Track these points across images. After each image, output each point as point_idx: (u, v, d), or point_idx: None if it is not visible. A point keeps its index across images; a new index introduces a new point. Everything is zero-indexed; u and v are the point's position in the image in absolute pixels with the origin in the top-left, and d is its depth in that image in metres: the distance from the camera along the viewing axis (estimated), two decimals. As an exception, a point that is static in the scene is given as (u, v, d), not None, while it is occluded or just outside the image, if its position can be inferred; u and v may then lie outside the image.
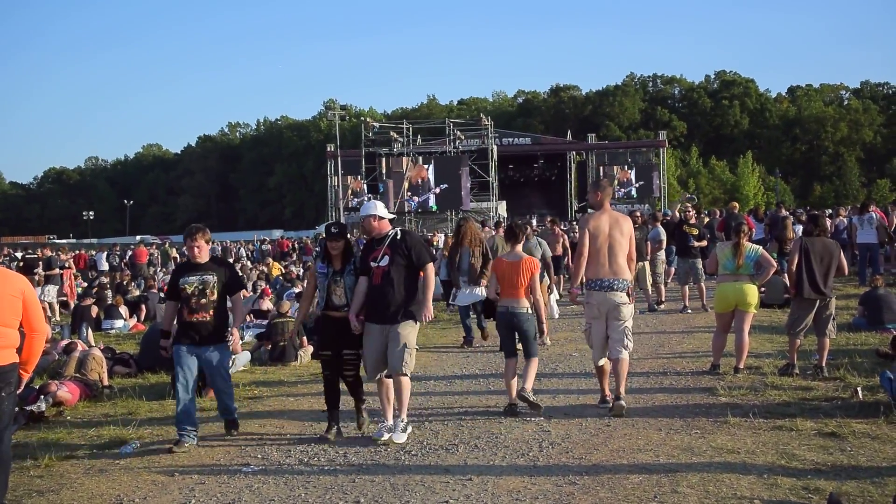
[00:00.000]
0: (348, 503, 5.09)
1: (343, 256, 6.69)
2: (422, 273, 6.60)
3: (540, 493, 5.13)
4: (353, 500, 5.13)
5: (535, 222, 30.96)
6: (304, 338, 11.07)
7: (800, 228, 16.17)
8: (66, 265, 22.33)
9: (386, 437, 6.40)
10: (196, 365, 6.62)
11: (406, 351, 6.34)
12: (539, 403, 7.20)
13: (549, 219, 22.80)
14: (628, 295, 7.21)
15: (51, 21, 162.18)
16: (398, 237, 6.53)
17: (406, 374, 6.42)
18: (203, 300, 6.60)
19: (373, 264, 6.44)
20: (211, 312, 6.63)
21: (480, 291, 10.68)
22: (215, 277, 6.70)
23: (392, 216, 6.73)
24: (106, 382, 9.40)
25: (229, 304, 6.94)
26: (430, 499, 5.11)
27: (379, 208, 6.67)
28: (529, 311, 7.30)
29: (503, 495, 5.13)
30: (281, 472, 5.81)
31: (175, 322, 6.91)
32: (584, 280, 7.24)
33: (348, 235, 6.89)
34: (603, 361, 7.33)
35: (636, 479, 5.35)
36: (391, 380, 6.52)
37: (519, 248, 7.55)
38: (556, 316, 12.74)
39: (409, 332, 6.43)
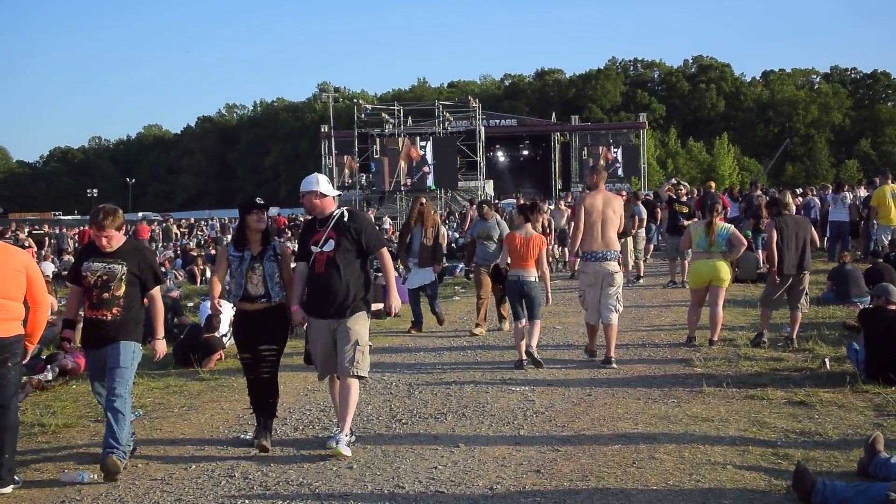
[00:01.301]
0: (341, 468, 5.09)
1: (262, 238, 5.62)
2: (378, 260, 5.71)
3: (524, 460, 5.14)
4: (346, 466, 5.12)
5: (506, 201, 30.47)
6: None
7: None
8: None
9: (333, 446, 5.30)
10: None
11: (357, 349, 5.31)
12: (541, 361, 7.84)
13: (531, 199, 22.60)
14: (619, 264, 7.99)
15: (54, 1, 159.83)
16: (344, 218, 5.40)
17: (357, 377, 5.36)
18: (106, 294, 5.12)
19: (315, 249, 5.36)
20: (114, 311, 5.14)
21: (430, 274, 10.21)
22: (125, 268, 5.16)
23: (337, 193, 5.65)
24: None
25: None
26: (420, 465, 5.11)
27: (321, 183, 5.51)
28: (537, 280, 7.93)
29: (489, 462, 5.14)
30: (275, 439, 5.79)
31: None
32: (580, 252, 7.96)
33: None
34: (591, 321, 8.06)
35: (616, 446, 5.37)
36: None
37: (529, 226, 8.17)
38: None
39: (361, 327, 5.39)
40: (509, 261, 8.31)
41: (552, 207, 19.56)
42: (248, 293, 5.53)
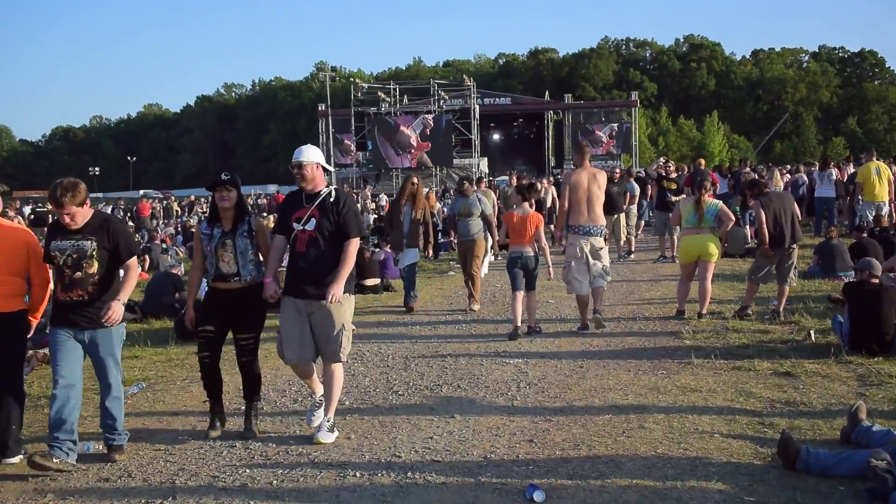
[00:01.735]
0: (340, 438, 5.11)
1: (235, 214, 5.19)
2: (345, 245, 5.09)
3: (517, 430, 5.17)
4: (345, 437, 5.14)
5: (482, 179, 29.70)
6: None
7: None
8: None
9: (315, 423, 5.22)
10: (80, 355, 4.83)
11: (343, 334, 4.99)
12: (539, 328, 8.30)
13: (509, 172, 22.36)
14: (605, 239, 8.30)
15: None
16: (331, 198, 5.05)
17: (341, 361, 5.13)
18: (78, 274, 4.69)
19: (297, 226, 5.00)
20: (90, 289, 4.71)
21: (415, 255, 10.03)
22: (94, 244, 4.73)
23: (331, 168, 5.61)
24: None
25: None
26: (416, 435, 5.13)
27: (317, 154, 5.19)
28: (535, 255, 8.20)
29: (483, 432, 5.16)
30: (276, 410, 5.83)
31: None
32: (568, 225, 8.22)
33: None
34: (582, 291, 8.15)
35: (607, 416, 5.40)
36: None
37: (526, 205, 8.34)
38: (483, 273, 11.07)
39: (345, 310, 5.04)
40: (508, 237, 8.57)
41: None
42: (221, 271, 5.16)
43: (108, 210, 31.01)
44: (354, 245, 5.07)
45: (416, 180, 10.29)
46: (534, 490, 4.06)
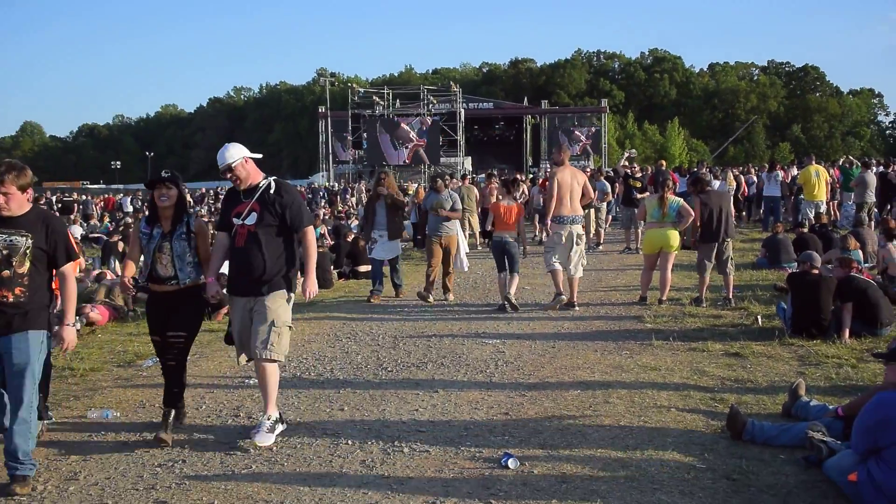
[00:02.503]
0: (333, 410, 5.08)
1: (174, 214, 4.55)
2: (301, 238, 4.56)
3: (495, 403, 5.15)
4: (338, 409, 5.11)
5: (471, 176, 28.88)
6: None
7: (716, 184, 16.34)
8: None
9: (259, 437, 4.34)
10: None
11: (273, 330, 4.35)
12: (518, 305, 8.47)
13: (487, 172, 21.64)
14: (583, 228, 8.63)
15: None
16: (271, 190, 4.45)
17: (272, 360, 4.39)
18: (6, 272, 3.81)
19: (236, 221, 4.42)
20: (17, 291, 3.84)
21: (397, 247, 9.57)
22: (29, 241, 3.86)
23: (258, 156, 4.61)
24: (130, 307, 9.28)
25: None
26: (403, 408, 5.10)
27: (240, 150, 4.49)
28: (516, 240, 8.59)
29: (464, 405, 5.14)
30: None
31: None
32: (553, 216, 8.40)
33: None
34: (558, 268, 8.40)
35: (575, 392, 5.39)
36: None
37: (510, 197, 8.79)
38: (465, 268, 10.18)
39: (279, 306, 4.42)
40: (494, 224, 8.80)
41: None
42: (157, 273, 4.54)
43: (128, 200, 30.74)
44: (311, 234, 4.57)
45: (384, 175, 9.69)
46: (508, 457, 4.06)
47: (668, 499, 3.59)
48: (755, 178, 18.67)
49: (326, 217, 19.08)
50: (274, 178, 4.55)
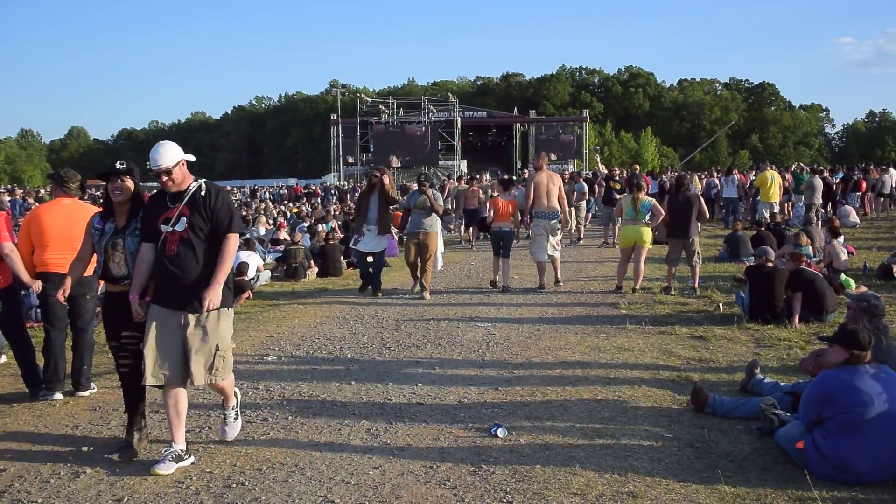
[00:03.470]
0: (342, 384, 5.07)
1: (130, 210, 3.81)
2: (222, 243, 3.62)
3: (487, 379, 5.16)
4: (347, 383, 5.11)
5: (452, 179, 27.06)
6: (311, 261, 11.00)
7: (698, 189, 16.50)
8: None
9: (161, 465, 3.55)
10: None
11: (217, 356, 3.60)
12: (509, 286, 8.95)
13: (468, 176, 20.84)
14: (560, 222, 8.93)
15: (126, 9, 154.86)
16: (201, 192, 3.62)
17: (215, 384, 3.70)
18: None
19: (165, 228, 3.58)
20: None
21: (384, 242, 8.75)
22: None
23: (191, 158, 3.75)
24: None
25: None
26: (404, 383, 5.10)
27: (176, 152, 3.63)
28: (511, 229, 9.13)
29: (459, 380, 5.14)
30: (292, 360, 5.78)
31: None
32: (533, 212, 8.84)
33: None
34: (543, 259, 8.84)
35: (557, 369, 5.39)
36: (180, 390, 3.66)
37: (506, 193, 9.36)
38: (439, 267, 9.34)
39: (221, 326, 3.62)
40: (493, 216, 9.28)
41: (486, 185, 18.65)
42: (110, 273, 3.78)
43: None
44: (233, 242, 3.64)
45: (378, 172, 8.92)
46: (498, 427, 4.06)
47: (638, 464, 3.60)
48: (717, 182, 18.67)
49: (337, 213, 19.03)
50: (204, 180, 3.72)
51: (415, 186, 9.36)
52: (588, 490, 3.31)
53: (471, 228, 14.88)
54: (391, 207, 8.97)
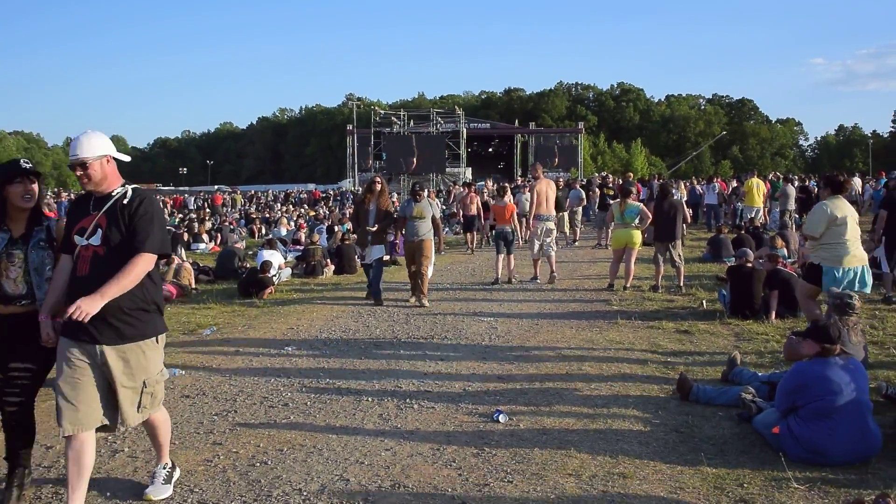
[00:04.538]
0: (357, 372, 5.08)
1: (31, 217, 2.94)
2: (132, 260, 2.67)
3: (489, 370, 5.15)
4: (361, 371, 5.12)
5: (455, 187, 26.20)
6: (329, 259, 11.03)
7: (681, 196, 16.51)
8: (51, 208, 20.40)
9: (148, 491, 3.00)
10: None
11: (144, 392, 2.78)
12: (514, 279, 9.44)
13: (463, 182, 20.55)
14: (555, 224, 9.51)
15: (158, 25, 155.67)
16: (124, 200, 2.73)
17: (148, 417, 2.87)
18: None
19: (79, 241, 2.71)
20: None
21: (381, 251, 8.06)
22: None
23: (123, 157, 2.83)
24: (193, 286, 9.29)
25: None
26: (414, 372, 5.09)
27: (102, 143, 2.74)
28: (511, 230, 9.51)
29: (464, 370, 5.14)
30: (311, 348, 5.79)
31: None
32: (534, 215, 9.23)
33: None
34: (537, 257, 9.36)
35: (554, 361, 5.38)
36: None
37: (506, 198, 9.92)
38: (429, 274, 8.19)
39: (149, 357, 2.80)
40: (495, 220, 9.76)
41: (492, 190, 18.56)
42: (4, 290, 2.86)
43: (192, 199, 30.72)
44: (143, 263, 2.67)
45: (378, 180, 8.22)
46: (499, 413, 4.06)
47: (628, 447, 3.59)
48: (700, 189, 18.65)
49: (351, 215, 19.05)
50: (134, 185, 2.81)
51: (425, 193, 9.07)
52: (582, 471, 3.30)
53: (468, 234, 14.23)
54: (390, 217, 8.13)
